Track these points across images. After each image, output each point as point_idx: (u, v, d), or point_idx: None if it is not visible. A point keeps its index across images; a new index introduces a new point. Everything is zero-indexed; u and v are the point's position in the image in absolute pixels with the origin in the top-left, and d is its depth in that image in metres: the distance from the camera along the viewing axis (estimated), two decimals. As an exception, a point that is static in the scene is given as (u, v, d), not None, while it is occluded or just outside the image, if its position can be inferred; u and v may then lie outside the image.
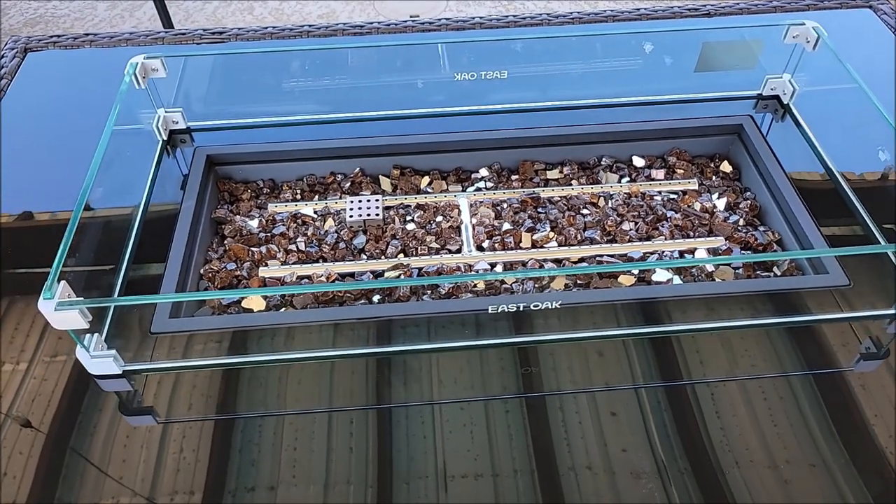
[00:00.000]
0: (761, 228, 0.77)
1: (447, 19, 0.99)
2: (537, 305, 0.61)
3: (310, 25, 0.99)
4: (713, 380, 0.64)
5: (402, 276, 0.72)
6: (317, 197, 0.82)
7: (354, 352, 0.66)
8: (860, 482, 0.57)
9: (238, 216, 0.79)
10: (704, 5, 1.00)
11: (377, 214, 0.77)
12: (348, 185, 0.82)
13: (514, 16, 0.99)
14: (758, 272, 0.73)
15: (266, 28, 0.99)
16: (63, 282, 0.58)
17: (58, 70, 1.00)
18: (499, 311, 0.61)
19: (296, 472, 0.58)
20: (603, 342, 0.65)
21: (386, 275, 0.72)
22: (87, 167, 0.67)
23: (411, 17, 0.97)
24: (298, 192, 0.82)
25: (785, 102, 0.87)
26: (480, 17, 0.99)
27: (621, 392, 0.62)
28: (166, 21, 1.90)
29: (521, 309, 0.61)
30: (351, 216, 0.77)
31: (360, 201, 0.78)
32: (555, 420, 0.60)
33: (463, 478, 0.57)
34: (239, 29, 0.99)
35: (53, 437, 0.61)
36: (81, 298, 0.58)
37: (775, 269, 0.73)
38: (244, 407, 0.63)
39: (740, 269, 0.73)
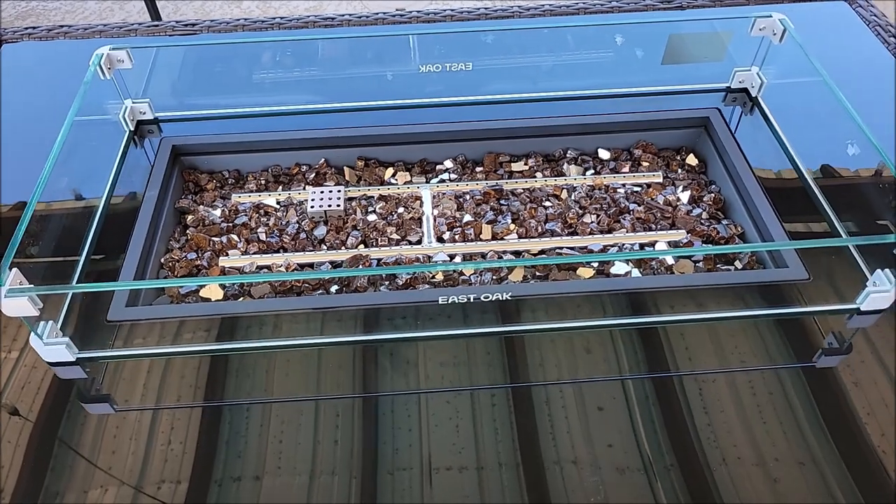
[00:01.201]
0: (724, 222, 0.77)
1: (419, 11, 0.99)
2: (487, 297, 0.61)
3: (281, 18, 0.99)
4: (688, 372, 0.63)
5: (361, 267, 0.72)
6: (281, 187, 0.82)
7: (312, 341, 0.66)
8: (848, 477, 0.57)
9: (201, 206, 0.79)
10: (678, -2, 1.00)
11: (338, 205, 0.77)
12: (313, 175, 0.82)
13: (485, 8, 0.99)
14: (718, 266, 0.72)
15: (238, 20, 0.99)
16: (15, 269, 0.58)
17: (31, 61, 1.00)
18: (449, 301, 0.62)
19: (281, 462, 0.58)
20: (591, 337, 0.65)
21: (344, 265, 0.72)
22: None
23: (397, 10, 0.97)
24: (263, 182, 0.82)
25: (753, 95, 0.87)
26: (451, 10, 0.99)
27: (608, 386, 0.62)
28: (154, 15, 1.90)
29: (472, 300, 0.61)
30: (312, 207, 0.77)
31: (321, 192, 0.78)
32: (541, 414, 0.60)
33: (447, 470, 0.57)
34: (211, 21, 0.99)
35: (41, 426, 0.61)
36: (31, 286, 0.59)
37: (737, 262, 0.73)
38: (209, 395, 0.63)
39: (701, 263, 0.73)
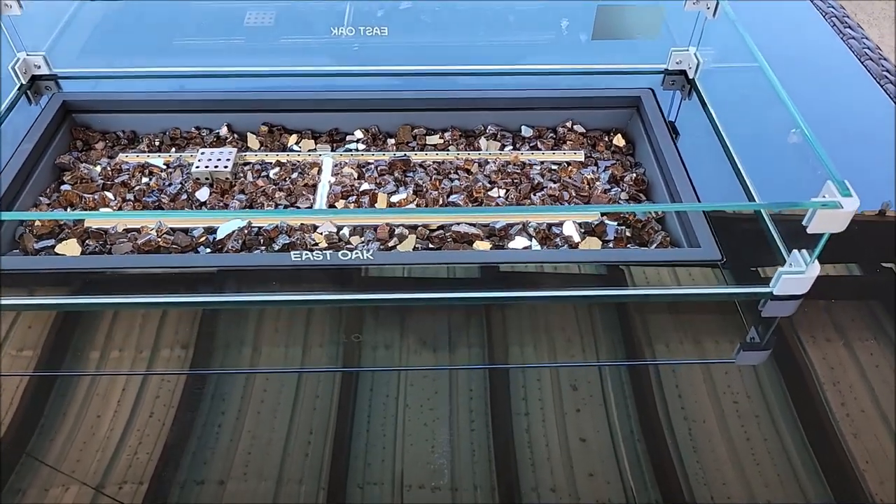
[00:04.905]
0: (645, 203, 0.71)
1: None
2: (346, 255, 0.55)
3: (210, -16, 0.94)
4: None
5: (238, 233, 0.66)
6: (175, 150, 0.76)
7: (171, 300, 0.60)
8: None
9: (84, 164, 0.73)
10: (628, -19, 0.95)
11: (226, 167, 0.71)
12: (213, 140, 0.77)
13: (426, -16, 0.94)
14: (629, 246, 0.66)
15: (165, -16, 0.95)
16: None
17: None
18: (303, 259, 0.55)
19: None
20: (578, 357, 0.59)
21: (220, 229, 0.66)
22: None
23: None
24: (157, 144, 0.77)
25: (691, 77, 0.81)
26: (390, -15, 0.94)
27: (592, 411, 0.55)
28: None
29: (328, 258, 0.55)
30: (197, 167, 0.71)
31: (211, 153, 0.72)
32: (520, 436, 0.53)
33: (420, 488, 0.50)
34: (137, -16, 0.95)
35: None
36: None
37: (651, 244, 0.66)
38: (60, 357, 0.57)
39: (611, 243, 0.66)
